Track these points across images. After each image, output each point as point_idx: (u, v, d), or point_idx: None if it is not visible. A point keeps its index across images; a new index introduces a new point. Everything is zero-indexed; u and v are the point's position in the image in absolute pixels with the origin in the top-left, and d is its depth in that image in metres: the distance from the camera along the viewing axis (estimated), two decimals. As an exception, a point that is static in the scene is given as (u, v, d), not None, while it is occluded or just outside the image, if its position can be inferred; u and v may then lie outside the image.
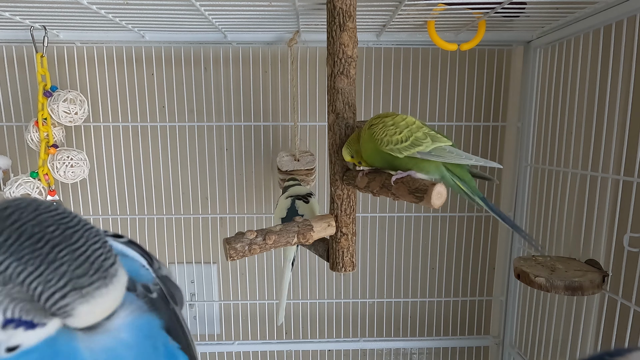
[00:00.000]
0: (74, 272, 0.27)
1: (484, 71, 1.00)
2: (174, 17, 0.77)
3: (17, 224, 0.26)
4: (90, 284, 0.27)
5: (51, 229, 0.27)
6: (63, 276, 0.26)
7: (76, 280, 0.27)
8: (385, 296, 1.10)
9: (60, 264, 0.26)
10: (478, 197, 0.56)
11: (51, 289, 0.26)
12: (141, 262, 0.38)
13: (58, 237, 0.27)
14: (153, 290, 0.37)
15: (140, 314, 0.35)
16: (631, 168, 0.67)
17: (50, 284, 0.26)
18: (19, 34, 0.86)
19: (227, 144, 1.01)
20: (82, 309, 0.27)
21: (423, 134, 0.55)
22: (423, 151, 0.54)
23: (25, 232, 0.26)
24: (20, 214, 0.27)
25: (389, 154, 0.56)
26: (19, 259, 0.26)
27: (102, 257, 0.28)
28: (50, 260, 0.26)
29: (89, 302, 0.27)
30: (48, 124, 0.86)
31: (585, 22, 0.74)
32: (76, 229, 0.28)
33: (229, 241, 0.59)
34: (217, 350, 1.08)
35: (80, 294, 0.27)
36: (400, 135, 0.55)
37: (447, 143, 0.55)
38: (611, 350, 0.31)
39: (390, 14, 0.75)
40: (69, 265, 0.27)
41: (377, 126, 0.57)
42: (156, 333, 0.36)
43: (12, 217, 0.27)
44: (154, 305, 0.37)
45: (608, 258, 0.72)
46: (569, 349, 0.81)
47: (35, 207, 0.28)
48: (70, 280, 0.27)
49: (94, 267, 0.28)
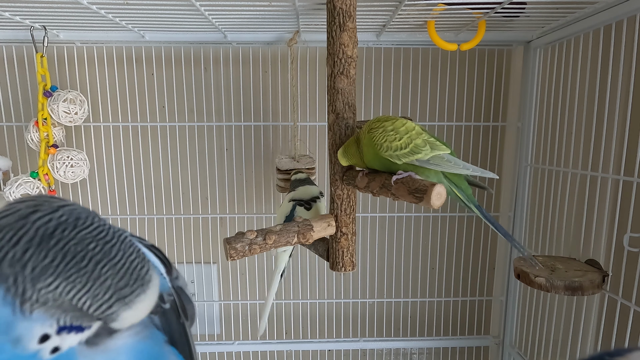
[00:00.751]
0: (117, 284, 0.30)
1: (484, 71, 1.00)
2: (174, 17, 0.77)
3: (61, 243, 0.28)
4: (132, 292, 0.30)
5: (92, 245, 0.29)
6: (108, 290, 0.29)
7: (120, 291, 0.30)
8: (385, 296, 1.10)
9: (105, 279, 0.29)
10: (473, 205, 0.57)
11: (99, 302, 0.29)
12: (160, 270, 0.38)
13: (99, 254, 0.29)
14: (167, 301, 0.38)
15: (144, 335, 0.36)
16: (631, 168, 0.67)
17: (98, 298, 0.29)
18: (19, 34, 0.86)
19: (227, 144, 1.01)
20: (125, 314, 0.30)
21: (422, 141, 0.55)
22: (422, 159, 0.55)
23: (70, 252, 0.29)
24: (63, 231, 0.29)
25: (385, 159, 0.56)
26: (67, 279, 0.28)
27: (139, 267, 0.31)
28: (95, 277, 0.29)
29: (131, 307, 0.30)
30: (48, 124, 0.86)
31: (585, 22, 0.74)
32: (113, 243, 0.30)
33: (229, 241, 0.59)
34: (217, 350, 1.08)
35: (124, 302, 0.30)
36: (400, 141, 0.55)
37: (445, 151, 0.56)
38: (611, 350, 0.31)
39: (390, 14, 0.75)
40: (112, 279, 0.29)
41: (377, 130, 0.57)
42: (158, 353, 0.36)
43: (56, 236, 0.28)
44: (164, 317, 0.37)
45: (608, 258, 0.72)
46: (569, 349, 0.81)
47: (74, 222, 0.30)
48: (115, 292, 0.30)
49: (133, 277, 0.30)
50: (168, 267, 0.39)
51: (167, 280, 0.39)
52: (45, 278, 0.28)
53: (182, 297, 0.40)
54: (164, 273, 0.38)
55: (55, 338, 0.30)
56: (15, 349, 0.29)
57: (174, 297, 0.39)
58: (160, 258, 0.39)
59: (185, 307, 0.40)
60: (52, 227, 0.29)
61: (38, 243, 0.28)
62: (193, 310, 0.42)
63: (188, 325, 0.40)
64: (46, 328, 0.29)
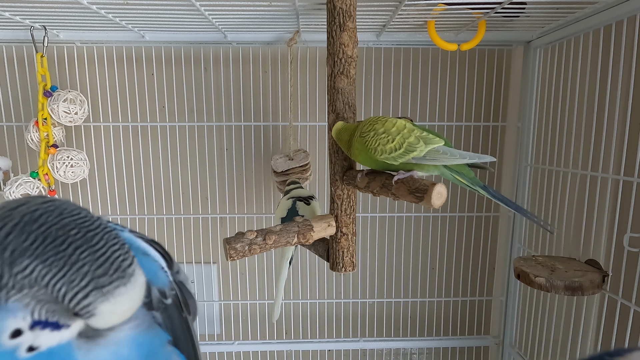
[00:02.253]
0: (95, 272, 0.28)
1: (484, 71, 1.00)
2: (174, 17, 0.77)
3: (43, 227, 0.28)
4: (110, 282, 0.28)
5: (74, 232, 0.28)
6: (85, 276, 0.28)
7: (97, 279, 0.28)
8: (385, 296, 1.10)
9: (82, 264, 0.28)
10: (479, 186, 0.56)
11: (75, 289, 0.28)
12: (161, 264, 0.38)
13: (80, 240, 0.28)
14: (168, 296, 0.37)
15: (144, 329, 0.35)
16: (631, 168, 0.67)
17: (74, 284, 0.27)
18: (19, 34, 0.86)
19: (227, 144, 1.01)
20: (103, 307, 0.28)
21: (415, 138, 0.55)
22: (417, 156, 0.55)
23: (50, 235, 0.28)
24: (47, 217, 0.28)
25: (384, 162, 0.56)
26: (44, 262, 0.27)
27: (121, 258, 0.29)
28: (72, 261, 0.28)
29: (110, 300, 0.28)
30: (48, 124, 0.86)
31: (585, 22, 0.74)
32: (96, 232, 0.29)
33: (229, 241, 0.59)
34: (217, 350, 1.08)
35: (101, 292, 0.28)
36: (393, 143, 0.55)
37: (439, 143, 0.56)
38: (611, 350, 0.31)
39: (390, 14, 0.75)
40: (90, 266, 0.28)
41: (369, 135, 0.56)
42: (159, 349, 0.36)
43: (40, 221, 0.28)
44: (166, 313, 0.37)
45: (608, 258, 0.72)
46: (569, 349, 0.81)
47: (60, 211, 0.29)
48: (92, 279, 0.28)
49: (114, 267, 0.29)
50: (169, 261, 0.38)
51: (169, 275, 0.38)
52: (22, 260, 0.27)
53: (184, 292, 0.39)
54: (165, 267, 0.38)
55: (28, 334, 0.28)
56: None
57: (176, 291, 0.38)
58: (160, 252, 0.38)
59: (187, 302, 0.39)
60: (37, 215, 0.28)
61: (21, 227, 0.28)
62: (195, 305, 0.41)
63: (191, 320, 0.40)
64: (19, 321, 0.28)
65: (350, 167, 0.67)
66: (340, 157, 0.66)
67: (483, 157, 0.55)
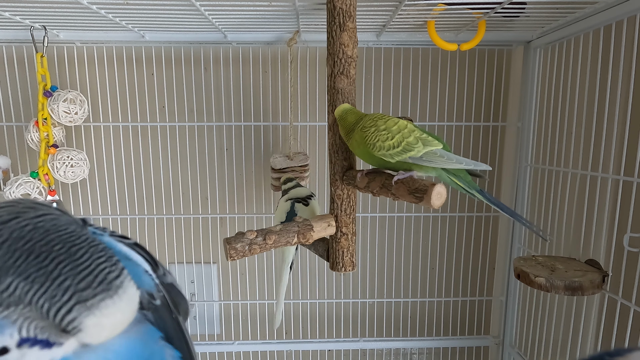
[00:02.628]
0: (77, 285, 0.27)
1: (484, 71, 1.00)
2: (174, 17, 0.77)
3: (29, 244, 0.28)
4: (94, 295, 0.28)
5: (57, 247, 0.28)
6: (67, 290, 0.27)
7: (80, 293, 0.27)
8: (385, 296, 1.10)
9: (64, 278, 0.27)
10: (475, 190, 0.56)
11: (57, 305, 0.27)
12: (144, 268, 0.37)
13: (63, 254, 0.28)
14: (156, 298, 0.37)
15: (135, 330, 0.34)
16: (631, 168, 0.67)
17: (55, 299, 0.27)
18: (19, 34, 0.86)
19: (227, 144, 1.01)
20: (88, 322, 0.27)
21: (415, 139, 0.55)
22: (414, 156, 0.55)
23: (34, 252, 0.28)
24: (34, 234, 0.28)
25: (381, 159, 0.56)
26: (26, 278, 0.27)
27: (106, 270, 0.29)
28: (54, 276, 0.27)
29: (95, 314, 0.28)
30: (48, 124, 0.86)
31: (585, 22, 0.74)
32: (81, 246, 0.29)
33: (229, 241, 0.59)
34: (217, 350, 1.08)
35: (85, 306, 0.27)
36: (392, 140, 0.55)
37: (438, 146, 0.56)
38: (611, 350, 0.31)
39: (390, 14, 0.75)
40: (72, 280, 0.27)
41: (369, 130, 0.57)
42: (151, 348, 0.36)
43: (26, 237, 0.28)
44: (157, 313, 0.37)
45: (608, 258, 0.72)
46: (569, 349, 0.81)
47: (48, 227, 0.29)
48: (74, 293, 0.27)
49: (98, 279, 0.28)
50: (153, 264, 0.38)
51: (154, 277, 0.38)
52: (5, 278, 0.27)
53: (173, 293, 0.39)
54: (149, 270, 0.37)
55: (14, 352, 0.28)
56: None
57: (164, 293, 0.38)
58: (143, 256, 0.38)
59: (177, 302, 0.39)
60: (25, 231, 0.28)
61: (9, 245, 0.27)
62: (186, 306, 0.41)
63: (182, 321, 0.40)
64: (6, 338, 0.27)
65: (350, 167, 0.67)
66: (340, 157, 0.66)
67: (479, 164, 0.55)
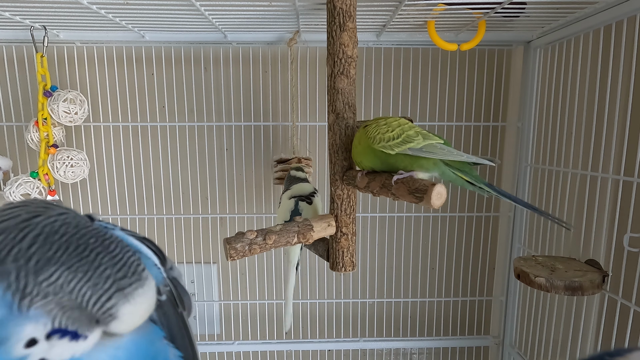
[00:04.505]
0: (116, 274, 0.30)
1: (484, 71, 1.00)
2: (174, 17, 0.77)
3: (65, 237, 0.30)
4: (130, 284, 0.30)
5: (92, 240, 0.30)
6: (108, 279, 0.29)
7: (119, 282, 0.30)
8: (385, 296, 1.10)
9: (105, 268, 0.30)
10: (483, 184, 0.55)
11: (99, 292, 0.29)
12: (153, 261, 0.38)
13: (99, 247, 0.30)
14: (163, 292, 0.38)
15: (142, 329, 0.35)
16: (631, 168, 0.67)
17: (98, 287, 0.29)
18: (19, 34, 0.86)
19: (227, 144, 1.01)
20: (125, 309, 0.30)
21: (414, 132, 0.56)
22: (414, 147, 0.54)
23: (72, 244, 0.29)
24: (67, 228, 0.30)
25: (382, 152, 0.56)
26: (69, 268, 0.29)
27: (136, 263, 0.31)
28: (95, 266, 0.29)
29: (130, 302, 0.30)
30: (48, 124, 0.86)
31: (585, 22, 0.74)
32: (111, 240, 0.31)
33: (229, 241, 0.59)
34: (217, 350, 1.08)
35: (123, 294, 0.30)
36: (392, 132, 0.56)
37: (438, 141, 0.56)
38: (611, 350, 0.31)
39: (390, 14, 0.75)
40: (111, 269, 0.30)
41: (371, 126, 0.58)
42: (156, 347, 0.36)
43: (60, 231, 0.30)
44: (161, 310, 0.37)
45: (608, 258, 0.72)
46: (569, 349, 0.81)
47: (76, 222, 0.31)
48: (114, 282, 0.30)
49: (131, 270, 0.31)
50: (162, 258, 0.39)
51: (162, 271, 0.38)
52: (48, 268, 0.28)
53: (178, 288, 0.40)
54: (158, 264, 0.38)
55: (42, 344, 0.29)
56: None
57: (170, 287, 0.39)
58: (153, 250, 0.38)
59: (182, 297, 0.40)
60: (57, 226, 0.30)
61: (45, 237, 0.29)
62: (190, 301, 0.41)
63: (186, 316, 0.40)
64: (38, 328, 0.29)
65: (350, 167, 0.67)
66: (340, 157, 0.66)
67: (482, 159, 0.54)
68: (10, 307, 0.28)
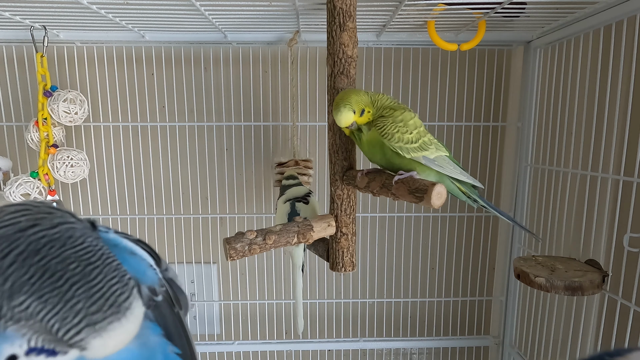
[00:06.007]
0: (89, 309, 0.28)
1: (484, 71, 1.00)
2: (174, 17, 0.77)
3: (44, 260, 0.28)
4: (104, 319, 0.29)
5: (72, 266, 0.29)
6: (78, 314, 0.28)
7: (90, 316, 0.28)
8: (385, 296, 1.10)
9: (77, 301, 0.28)
10: (476, 196, 0.58)
11: (67, 326, 0.28)
12: (148, 262, 0.38)
13: (77, 275, 0.29)
14: (159, 293, 0.38)
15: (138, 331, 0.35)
16: (631, 168, 0.67)
17: (66, 321, 0.28)
18: (19, 34, 0.86)
19: (227, 144, 1.01)
20: (95, 343, 0.29)
21: (429, 140, 0.57)
22: (428, 157, 0.56)
23: (49, 270, 0.28)
24: (50, 248, 0.29)
25: (392, 151, 0.56)
26: (39, 298, 0.28)
27: (118, 292, 0.30)
28: (67, 298, 0.28)
29: (102, 336, 0.29)
30: (48, 124, 0.86)
31: (585, 22, 0.74)
32: (96, 265, 0.30)
33: (229, 241, 0.59)
34: (217, 350, 1.08)
35: (94, 329, 0.28)
36: (411, 135, 0.56)
37: (446, 153, 0.58)
38: (611, 350, 0.31)
39: (390, 14, 0.75)
40: (84, 303, 0.28)
41: (387, 119, 0.56)
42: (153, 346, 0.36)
43: (42, 252, 0.29)
44: (157, 310, 0.37)
45: (608, 258, 0.72)
46: (569, 349, 0.81)
47: (64, 241, 0.30)
48: (84, 317, 0.28)
49: (109, 302, 0.29)
50: (157, 259, 0.39)
51: (157, 272, 0.39)
52: (19, 296, 0.28)
53: (174, 288, 0.40)
54: (153, 265, 0.38)
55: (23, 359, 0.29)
56: None
57: (166, 288, 0.39)
58: (147, 251, 0.39)
59: (178, 297, 0.40)
60: (41, 244, 0.29)
61: (24, 258, 0.28)
62: (186, 301, 0.42)
63: (183, 315, 0.40)
64: (15, 348, 0.29)
65: (350, 167, 0.67)
66: (340, 157, 0.66)
67: (476, 181, 0.59)
68: None
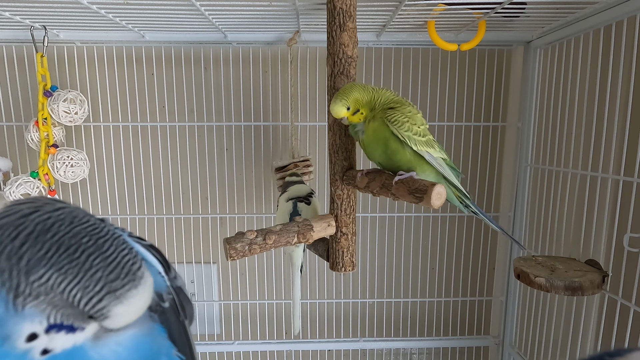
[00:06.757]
0: (108, 277, 0.30)
1: (484, 71, 1.00)
2: (174, 17, 0.77)
3: (57, 236, 0.29)
4: (123, 286, 0.30)
5: (85, 239, 0.30)
6: (99, 281, 0.29)
7: (110, 284, 0.30)
8: (385, 296, 1.10)
9: (96, 270, 0.29)
10: (470, 203, 0.61)
11: (89, 294, 0.29)
12: (158, 269, 0.39)
13: (92, 247, 0.30)
14: (166, 300, 0.38)
15: (144, 327, 0.36)
16: (631, 168, 0.67)
17: (88, 290, 0.29)
18: (19, 34, 0.86)
19: (227, 144, 1.01)
20: (117, 310, 0.30)
21: (432, 139, 0.58)
22: (432, 154, 0.57)
23: (64, 244, 0.29)
24: (59, 226, 0.30)
25: (395, 145, 0.56)
26: (59, 270, 0.29)
27: (130, 262, 0.31)
28: (86, 268, 0.29)
29: (123, 303, 0.30)
30: (48, 124, 0.86)
31: (585, 22, 0.74)
32: (106, 238, 0.31)
33: (229, 241, 0.59)
34: (217, 350, 1.08)
35: (115, 296, 0.30)
36: (420, 128, 0.56)
37: (445, 156, 0.59)
38: (611, 350, 0.31)
39: (390, 14, 0.75)
40: (103, 271, 0.30)
41: (396, 111, 0.56)
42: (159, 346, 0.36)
43: (52, 230, 0.29)
44: (164, 316, 0.38)
45: (608, 258, 0.72)
46: (569, 349, 0.81)
47: (71, 219, 0.31)
48: (105, 284, 0.29)
49: (124, 271, 0.30)
50: (166, 266, 0.39)
51: (166, 280, 0.39)
52: (38, 269, 0.28)
53: (181, 297, 0.40)
54: (162, 272, 0.39)
55: (43, 337, 0.30)
56: (2, 347, 0.29)
57: (173, 296, 0.39)
58: (157, 258, 0.39)
59: (184, 306, 0.40)
60: (49, 223, 0.30)
61: (35, 237, 0.29)
62: (192, 310, 0.42)
63: (188, 324, 0.41)
64: (35, 325, 0.29)
65: (350, 167, 0.67)
66: (340, 157, 0.66)
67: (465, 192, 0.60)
68: (6, 305, 0.28)
